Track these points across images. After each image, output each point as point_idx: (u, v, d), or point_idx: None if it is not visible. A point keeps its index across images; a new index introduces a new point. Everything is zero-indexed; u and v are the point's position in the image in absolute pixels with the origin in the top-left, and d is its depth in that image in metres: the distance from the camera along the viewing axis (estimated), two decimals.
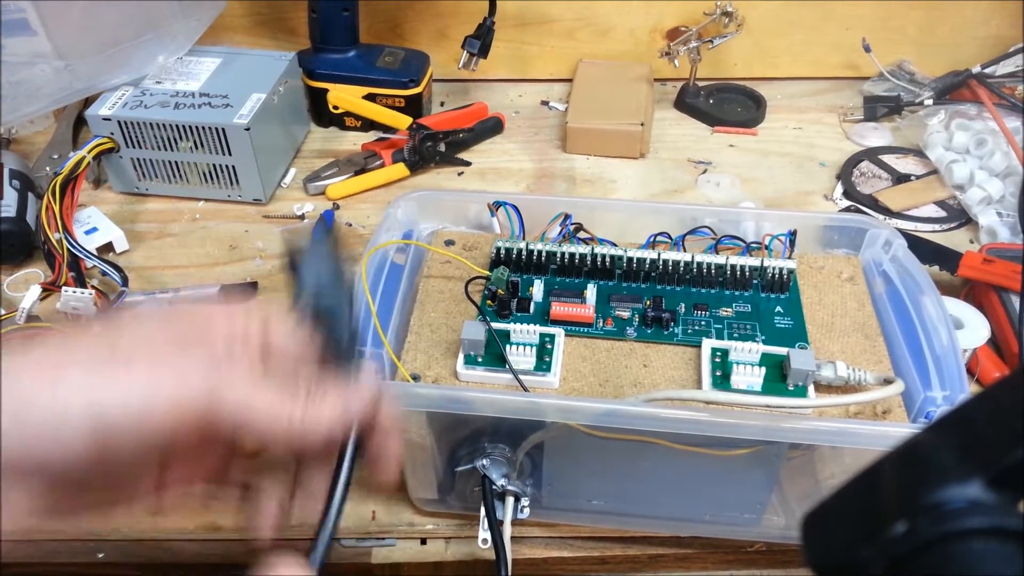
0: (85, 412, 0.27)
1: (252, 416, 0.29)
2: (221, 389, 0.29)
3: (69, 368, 0.28)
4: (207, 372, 0.29)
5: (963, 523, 0.22)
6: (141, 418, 0.28)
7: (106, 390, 0.28)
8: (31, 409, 0.27)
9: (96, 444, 0.28)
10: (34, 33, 0.73)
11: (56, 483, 0.29)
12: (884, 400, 0.50)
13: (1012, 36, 0.94)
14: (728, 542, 0.56)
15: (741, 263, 0.56)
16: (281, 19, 0.96)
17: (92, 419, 0.27)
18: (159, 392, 0.28)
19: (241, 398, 0.29)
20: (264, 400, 0.30)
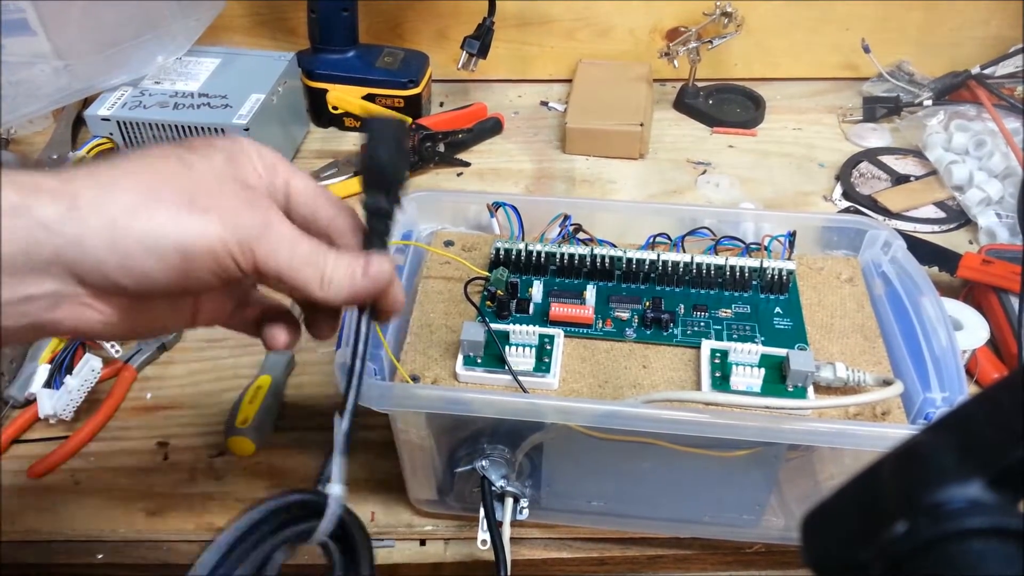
0: (175, 242, 0.33)
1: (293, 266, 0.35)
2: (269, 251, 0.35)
3: (158, 207, 0.33)
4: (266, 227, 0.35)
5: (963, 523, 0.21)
6: (213, 251, 0.33)
7: (193, 229, 0.33)
8: (128, 238, 0.32)
9: (180, 272, 0.33)
10: (34, 33, 0.73)
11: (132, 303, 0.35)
12: (883, 401, 0.50)
13: (1012, 36, 0.95)
14: (727, 543, 0.56)
15: (740, 264, 0.56)
16: (280, 19, 0.96)
17: (179, 251, 0.33)
18: (233, 237, 0.33)
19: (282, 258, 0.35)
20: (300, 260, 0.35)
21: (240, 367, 0.66)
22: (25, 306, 0.32)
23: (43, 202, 0.31)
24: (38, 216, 0.31)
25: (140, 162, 0.34)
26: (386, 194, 0.38)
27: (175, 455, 0.60)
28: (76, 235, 0.32)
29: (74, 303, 0.34)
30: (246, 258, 0.34)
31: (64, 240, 0.32)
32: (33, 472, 0.58)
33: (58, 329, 0.34)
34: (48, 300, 0.33)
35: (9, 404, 0.62)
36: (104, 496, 0.57)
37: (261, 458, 0.59)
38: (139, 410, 0.63)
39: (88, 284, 0.33)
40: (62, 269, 0.32)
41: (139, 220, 0.32)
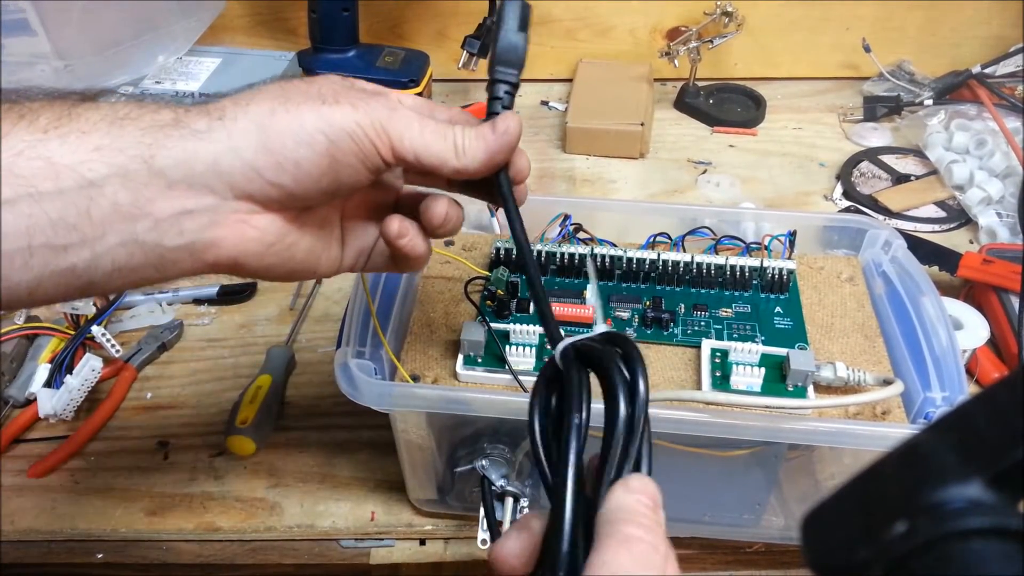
0: (317, 127, 0.34)
1: (427, 150, 0.36)
2: (404, 132, 0.36)
3: (297, 104, 0.35)
4: (392, 116, 0.36)
5: (963, 523, 0.21)
6: (355, 135, 0.35)
7: (331, 115, 0.34)
8: (274, 131, 0.34)
9: (330, 159, 0.35)
10: (34, 33, 0.73)
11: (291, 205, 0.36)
12: (883, 401, 0.50)
13: (1012, 36, 0.95)
14: (727, 543, 0.56)
15: (741, 263, 0.56)
16: (281, 19, 0.96)
17: (326, 138, 0.34)
18: (364, 122, 0.35)
19: (418, 139, 0.36)
20: (435, 139, 0.37)
21: (240, 367, 0.66)
22: (183, 222, 0.33)
23: (195, 116, 0.33)
24: (193, 127, 0.33)
25: (267, 86, 0.36)
26: (516, 68, 0.41)
27: (175, 455, 0.60)
28: (228, 140, 0.33)
29: (231, 219, 0.34)
30: (382, 140, 0.35)
31: (218, 147, 0.33)
32: (33, 472, 0.58)
33: (217, 254, 0.35)
34: (206, 216, 0.34)
35: (9, 404, 0.62)
36: (104, 496, 0.57)
37: (261, 458, 0.59)
38: (139, 410, 0.63)
39: (244, 195, 0.34)
40: (218, 179, 0.33)
41: (282, 117, 0.34)
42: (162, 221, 0.33)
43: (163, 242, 0.33)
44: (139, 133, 0.32)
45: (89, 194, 0.31)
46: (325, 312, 0.71)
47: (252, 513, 0.56)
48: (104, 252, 0.32)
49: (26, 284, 0.31)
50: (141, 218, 0.32)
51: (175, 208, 0.33)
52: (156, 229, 0.33)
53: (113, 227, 0.32)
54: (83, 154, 0.31)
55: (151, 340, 0.67)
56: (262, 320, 0.70)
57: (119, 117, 0.32)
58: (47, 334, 0.65)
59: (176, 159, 0.32)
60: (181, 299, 0.71)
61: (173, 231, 0.33)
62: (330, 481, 0.58)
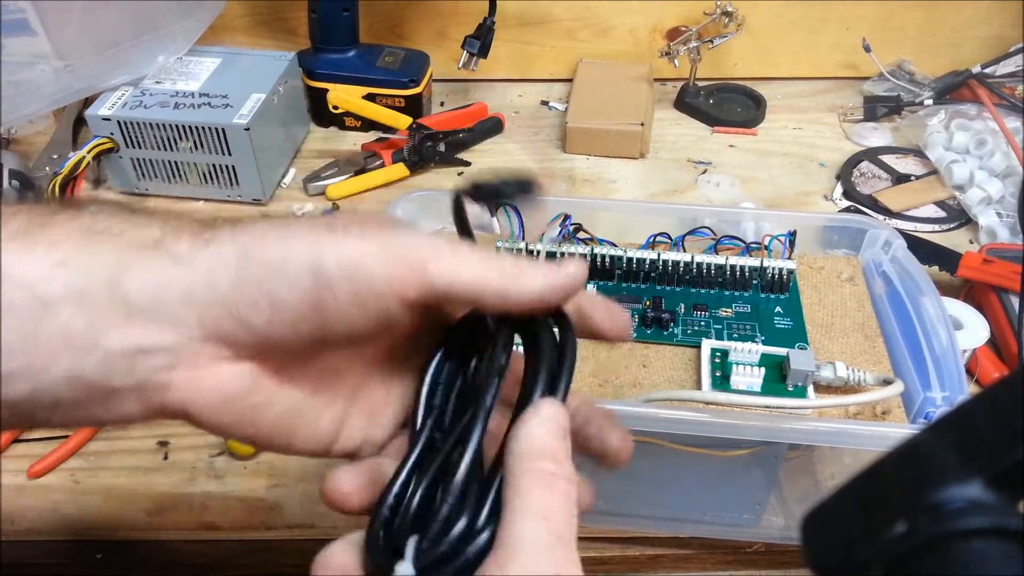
0: (303, 261, 0.28)
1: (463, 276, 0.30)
2: (430, 257, 0.29)
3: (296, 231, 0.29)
4: (416, 242, 0.30)
5: (963, 523, 0.21)
6: (355, 272, 0.29)
7: (325, 246, 0.29)
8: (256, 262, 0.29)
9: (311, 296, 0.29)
10: (34, 33, 0.73)
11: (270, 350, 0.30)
12: (883, 401, 0.50)
13: (1012, 36, 0.94)
14: (727, 543, 0.56)
15: (741, 263, 0.56)
16: (281, 19, 0.96)
17: (312, 268, 0.28)
18: (372, 252, 0.29)
19: (450, 262, 0.30)
20: (473, 260, 0.30)
21: None
22: (137, 359, 0.28)
23: (182, 238, 0.29)
24: (174, 250, 0.29)
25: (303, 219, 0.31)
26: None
27: (175, 455, 0.60)
28: (207, 268, 0.28)
29: (190, 362, 0.29)
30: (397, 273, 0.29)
31: (194, 276, 0.28)
32: (33, 472, 0.58)
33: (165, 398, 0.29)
34: (163, 356, 0.29)
35: None
36: (104, 496, 0.57)
37: (261, 458, 0.59)
38: None
39: (212, 335, 0.29)
40: (187, 313, 0.28)
41: (270, 244, 0.29)
42: (113, 355, 0.28)
43: (110, 380, 0.28)
44: (114, 252, 0.28)
45: (40, 316, 0.27)
46: None
47: (252, 513, 0.56)
48: (46, 387, 0.28)
49: None
50: (91, 350, 0.28)
51: (130, 342, 0.28)
52: (105, 363, 0.28)
53: (59, 357, 0.27)
54: (44, 270, 0.27)
55: None
56: None
57: (97, 231, 0.28)
58: None
59: (144, 284, 0.28)
60: None
61: (122, 367, 0.28)
62: None
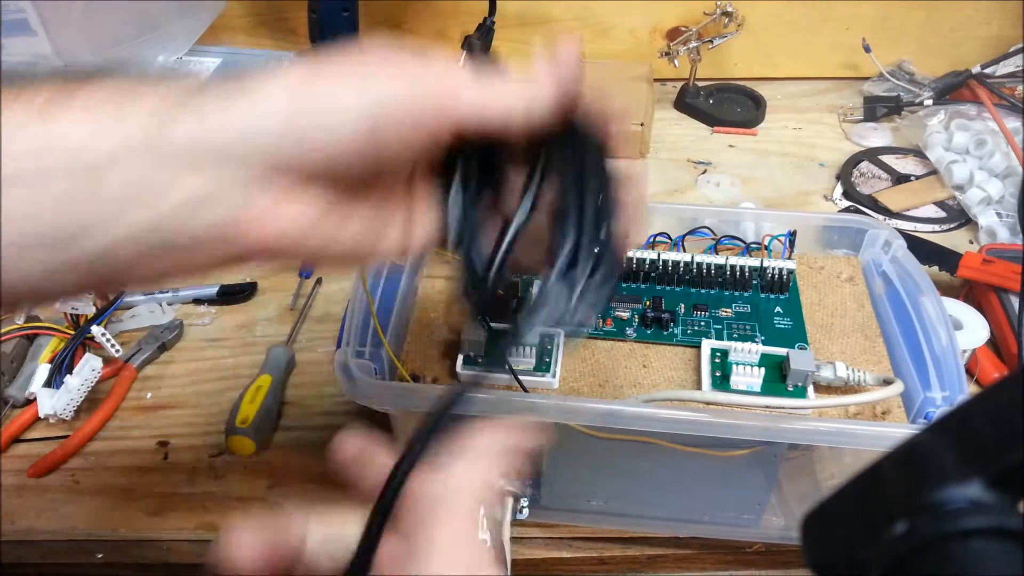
0: (358, 103, 0.30)
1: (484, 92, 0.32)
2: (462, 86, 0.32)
3: (335, 67, 0.30)
4: (446, 73, 0.32)
5: (963, 523, 0.21)
6: (401, 106, 0.30)
7: (371, 85, 0.30)
8: (306, 111, 0.29)
9: (370, 132, 0.30)
10: (34, 33, 0.73)
11: (331, 182, 0.31)
12: (883, 401, 0.50)
13: (1012, 36, 0.94)
14: (727, 543, 0.56)
15: (741, 263, 0.56)
16: (281, 19, 0.96)
17: (366, 108, 0.30)
18: (412, 86, 0.31)
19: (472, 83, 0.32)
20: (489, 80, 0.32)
21: (240, 367, 0.66)
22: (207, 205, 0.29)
23: (216, 87, 0.29)
24: (214, 98, 0.29)
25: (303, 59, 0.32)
26: None
27: (175, 455, 0.60)
28: (254, 109, 0.29)
29: (262, 200, 0.30)
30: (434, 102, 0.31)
31: (243, 118, 0.29)
32: (33, 472, 0.58)
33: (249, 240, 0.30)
34: (233, 197, 0.29)
35: (9, 404, 0.62)
36: (104, 496, 0.57)
37: (261, 458, 0.59)
38: (139, 410, 0.63)
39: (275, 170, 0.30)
40: (244, 154, 0.29)
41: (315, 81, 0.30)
42: (181, 205, 0.29)
43: (185, 229, 0.29)
44: (151, 107, 0.28)
45: (95, 176, 0.28)
46: (325, 312, 0.71)
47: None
48: (116, 243, 0.29)
49: (30, 279, 0.28)
50: (156, 203, 0.29)
51: (195, 190, 0.29)
52: (175, 215, 0.29)
53: (124, 214, 0.28)
54: (86, 132, 0.28)
55: (151, 340, 0.67)
56: (262, 320, 0.70)
57: (129, 91, 0.29)
58: (47, 334, 0.65)
59: (194, 135, 0.29)
60: (181, 299, 0.71)
61: (196, 216, 0.29)
62: (330, 481, 0.58)
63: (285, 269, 0.34)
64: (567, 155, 0.34)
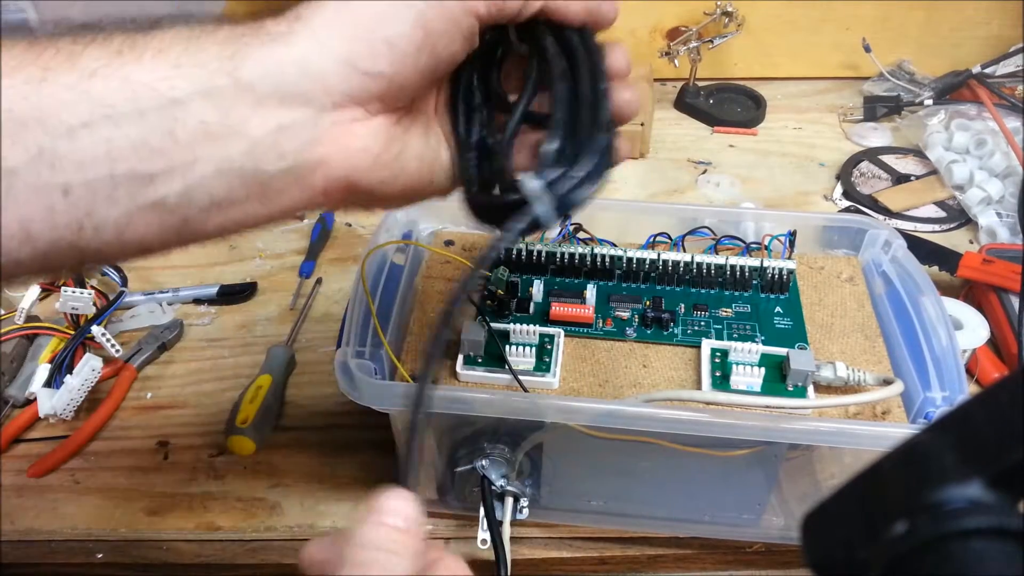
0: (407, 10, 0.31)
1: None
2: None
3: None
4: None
5: (963, 523, 0.21)
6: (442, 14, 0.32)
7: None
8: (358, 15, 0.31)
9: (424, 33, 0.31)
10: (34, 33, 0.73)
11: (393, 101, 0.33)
12: (883, 401, 0.50)
13: (1012, 36, 0.94)
14: (727, 543, 0.56)
15: (741, 263, 0.56)
16: None
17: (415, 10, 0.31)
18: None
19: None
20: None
21: (240, 367, 0.66)
22: (282, 141, 0.30)
23: (272, 22, 0.31)
24: (274, 31, 0.30)
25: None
26: None
27: (175, 455, 0.60)
28: (313, 37, 0.30)
29: (333, 131, 0.31)
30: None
31: (305, 48, 0.30)
32: (33, 472, 0.58)
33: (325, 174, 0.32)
34: (306, 130, 0.31)
35: (9, 404, 0.62)
36: (104, 496, 0.57)
37: (261, 458, 0.59)
38: (139, 410, 0.63)
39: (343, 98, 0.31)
40: (312, 84, 0.30)
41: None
42: (258, 142, 0.30)
43: (263, 167, 0.30)
44: (218, 46, 0.30)
45: (172, 114, 0.29)
46: (325, 312, 0.71)
47: (252, 513, 0.56)
48: (197, 182, 0.30)
49: (114, 221, 0.29)
50: (233, 139, 0.30)
51: (270, 124, 0.30)
52: (253, 152, 0.30)
53: (203, 151, 0.29)
54: (162, 72, 0.29)
55: (151, 340, 0.67)
56: (262, 320, 0.70)
57: (195, 34, 0.30)
58: (47, 334, 0.65)
59: (263, 69, 0.30)
60: (181, 299, 0.71)
61: (272, 153, 0.30)
62: (330, 481, 0.58)
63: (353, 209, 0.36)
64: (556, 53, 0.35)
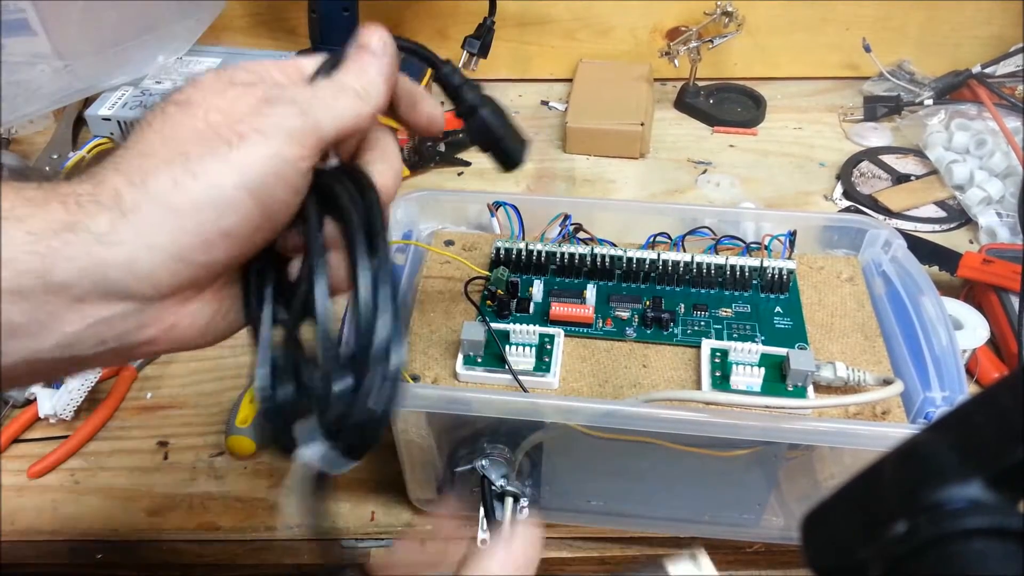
0: (236, 185, 0.28)
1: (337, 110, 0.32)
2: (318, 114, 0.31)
3: (199, 159, 0.29)
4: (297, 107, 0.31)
5: (963, 523, 0.21)
6: (281, 169, 0.29)
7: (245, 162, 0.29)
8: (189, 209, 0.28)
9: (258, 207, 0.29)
10: (34, 33, 0.73)
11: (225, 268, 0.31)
12: (883, 401, 0.50)
13: (1012, 36, 0.94)
14: (727, 543, 0.56)
15: (741, 263, 0.56)
16: (281, 19, 0.96)
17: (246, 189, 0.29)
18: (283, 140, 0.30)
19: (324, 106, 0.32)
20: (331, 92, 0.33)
21: (240, 367, 0.66)
22: (101, 332, 0.28)
23: (90, 213, 0.27)
24: (93, 229, 0.27)
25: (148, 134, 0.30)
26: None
27: (175, 455, 0.60)
28: (139, 237, 0.27)
29: (161, 317, 0.29)
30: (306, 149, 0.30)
31: (130, 248, 0.27)
32: (33, 472, 0.58)
33: (149, 350, 0.30)
34: (130, 320, 0.29)
35: (9, 404, 0.62)
36: (104, 496, 0.57)
37: (261, 458, 0.59)
38: (139, 410, 0.63)
39: (172, 288, 0.29)
40: (138, 282, 0.28)
41: (190, 187, 0.28)
42: (74, 335, 0.28)
43: (78, 353, 0.28)
44: (30, 240, 0.26)
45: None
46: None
47: (252, 513, 0.56)
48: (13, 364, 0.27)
49: None
50: (44, 335, 0.27)
51: (88, 320, 0.28)
52: (65, 344, 0.28)
53: (9, 346, 0.27)
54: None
55: None
56: None
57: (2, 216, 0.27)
58: None
59: (81, 270, 0.27)
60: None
61: (91, 342, 0.28)
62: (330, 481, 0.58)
63: None
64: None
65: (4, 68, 0.73)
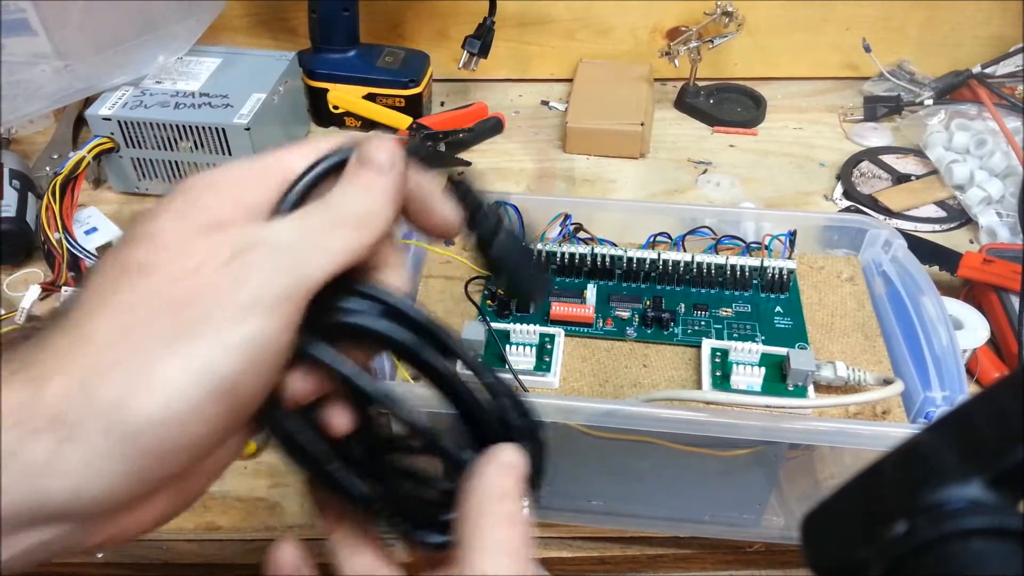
0: (199, 392, 0.24)
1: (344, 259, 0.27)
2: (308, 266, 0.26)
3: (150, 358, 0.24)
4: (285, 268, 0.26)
5: (963, 523, 0.21)
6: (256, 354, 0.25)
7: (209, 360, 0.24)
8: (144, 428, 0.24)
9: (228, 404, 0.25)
10: (34, 33, 0.73)
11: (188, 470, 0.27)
12: (884, 400, 0.50)
13: (1012, 36, 0.94)
14: (727, 542, 0.56)
15: (741, 263, 0.56)
16: (281, 19, 0.96)
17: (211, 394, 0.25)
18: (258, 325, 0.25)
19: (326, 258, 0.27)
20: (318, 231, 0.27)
21: None
22: (37, 553, 0.26)
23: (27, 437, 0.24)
24: (33, 459, 0.24)
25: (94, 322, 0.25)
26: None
27: None
28: (87, 466, 0.24)
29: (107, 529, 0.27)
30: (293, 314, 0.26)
31: (76, 477, 0.24)
32: None
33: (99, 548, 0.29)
34: (73, 537, 0.27)
35: None
36: None
37: (262, 458, 0.59)
38: None
39: (123, 505, 0.26)
40: (85, 506, 0.25)
41: (143, 402, 0.24)
42: (6, 562, 0.25)
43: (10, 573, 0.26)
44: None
45: None
46: None
47: (252, 513, 0.56)
48: None
49: None
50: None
51: (24, 545, 0.25)
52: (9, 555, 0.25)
53: None
54: None
55: None
56: None
57: None
58: None
59: (22, 499, 0.24)
60: None
61: (25, 561, 0.26)
62: None
63: None
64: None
65: (4, 68, 0.73)
